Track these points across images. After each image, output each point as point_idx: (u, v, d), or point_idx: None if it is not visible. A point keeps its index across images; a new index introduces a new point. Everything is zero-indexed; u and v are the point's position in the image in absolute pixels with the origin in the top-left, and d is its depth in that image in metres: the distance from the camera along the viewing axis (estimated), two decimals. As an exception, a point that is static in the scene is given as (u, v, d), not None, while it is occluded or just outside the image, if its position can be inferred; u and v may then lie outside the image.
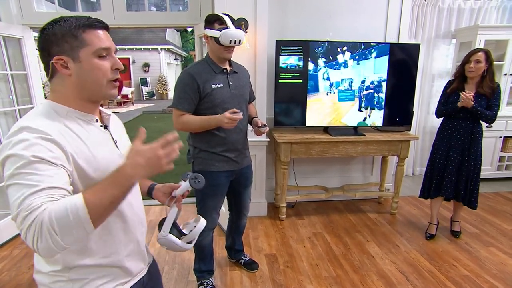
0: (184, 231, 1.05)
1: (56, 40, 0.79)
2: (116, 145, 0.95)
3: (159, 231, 1.00)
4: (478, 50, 2.39)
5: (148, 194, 1.11)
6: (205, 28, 1.77)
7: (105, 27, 0.85)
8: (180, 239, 1.01)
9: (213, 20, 1.74)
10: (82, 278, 0.87)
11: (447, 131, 2.57)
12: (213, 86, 1.79)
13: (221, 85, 1.81)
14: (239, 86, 1.90)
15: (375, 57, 2.98)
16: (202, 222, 1.06)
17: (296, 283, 2.18)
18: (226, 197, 2.12)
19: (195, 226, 1.04)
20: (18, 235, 2.76)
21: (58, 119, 0.81)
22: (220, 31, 1.70)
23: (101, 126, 0.92)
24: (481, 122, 2.49)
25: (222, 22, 1.72)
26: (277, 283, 2.19)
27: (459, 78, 2.49)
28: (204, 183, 1.02)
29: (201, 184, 1.00)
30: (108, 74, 0.84)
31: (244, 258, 2.36)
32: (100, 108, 0.95)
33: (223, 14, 1.77)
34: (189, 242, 1.04)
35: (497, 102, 2.40)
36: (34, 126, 0.75)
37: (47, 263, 0.86)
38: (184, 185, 1.03)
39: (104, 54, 0.83)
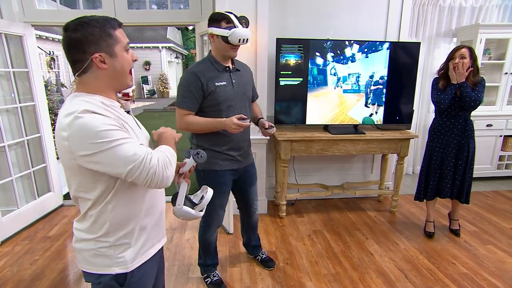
0: (194, 201, 1.17)
1: (94, 39, 0.89)
2: (139, 126, 1.08)
3: (173, 205, 1.12)
4: (462, 46, 2.42)
5: None
6: (211, 27, 1.75)
7: (121, 25, 0.99)
8: (193, 209, 1.14)
9: (220, 19, 1.72)
10: (123, 243, 0.99)
11: (440, 131, 2.58)
12: (217, 84, 1.79)
13: (224, 83, 1.81)
14: (242, 84, 1.90)
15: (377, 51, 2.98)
16: (210, 191, 1.19)
17: (295, 280, 2.20)
18: (234, 195, 2.16)
19: (203, 196, 1.17)
20: (20, 231, 2.79)
21: (103, 107, 0.90)
22: (229, 29, 1.69)
23: (125, 111, 1.04)
24: (466, 108, 2.44)
25: (229, 21, 1.71)
26: (276, 280, 2.20)
27: (444, 75, 2.50)
28: (206, 157, 1.15)
29: (203, 158, 1.15)
30: (130, 64, 0.98)
31: (261, 255, 2.37)
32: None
33: (228, 12, 1.75)
34: (201, 210, 1.17)
35: (480, 90, 2.42)
36: (92, 109, 0.85)
37: (90, 232, 0.98)
38: (189, 162, 1.15)
39: (128, 48, 0.97)
